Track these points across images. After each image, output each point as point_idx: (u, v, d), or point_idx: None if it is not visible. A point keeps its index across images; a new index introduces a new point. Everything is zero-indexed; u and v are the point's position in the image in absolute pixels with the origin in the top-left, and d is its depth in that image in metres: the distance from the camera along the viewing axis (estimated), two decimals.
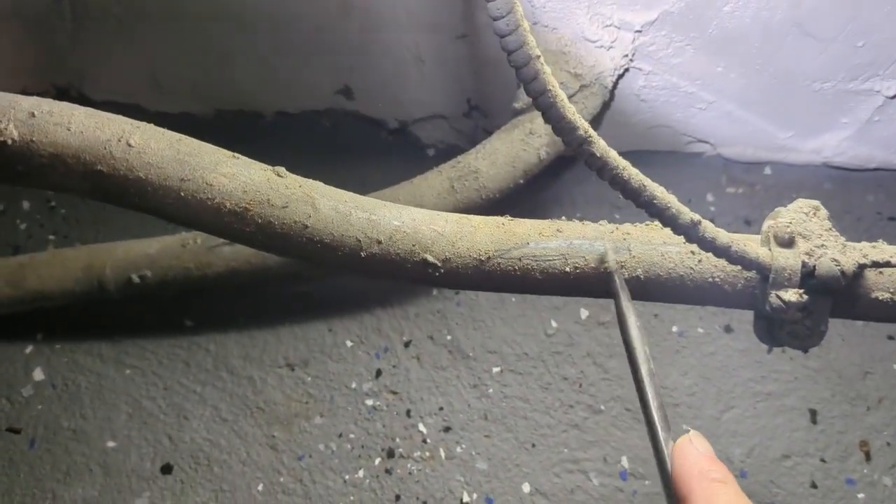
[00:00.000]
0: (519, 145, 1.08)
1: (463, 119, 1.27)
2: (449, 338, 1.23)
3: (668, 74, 1.15)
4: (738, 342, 1.21)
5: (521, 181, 1.10)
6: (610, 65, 1.12)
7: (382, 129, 1.33)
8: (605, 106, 1.18)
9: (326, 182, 0.76)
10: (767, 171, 1.32)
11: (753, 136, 1.25)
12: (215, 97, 1.30)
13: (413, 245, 0.75)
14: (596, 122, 1.19)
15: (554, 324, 1.23)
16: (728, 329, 1.22)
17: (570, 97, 1.08)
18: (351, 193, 0.76)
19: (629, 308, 0.71)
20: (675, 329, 1.23)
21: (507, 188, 1.09)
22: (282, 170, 0.73)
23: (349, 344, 1.22)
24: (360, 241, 0.74)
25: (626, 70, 1.14)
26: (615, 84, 1.16)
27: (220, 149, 0.71)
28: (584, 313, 1.24)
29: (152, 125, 0.71)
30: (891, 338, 1.22)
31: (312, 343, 1.22)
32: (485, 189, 1.08)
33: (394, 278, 0.77)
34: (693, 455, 0.53)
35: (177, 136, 0.70)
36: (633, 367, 0.64)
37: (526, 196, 1.30)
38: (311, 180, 0.74)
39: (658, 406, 0.60)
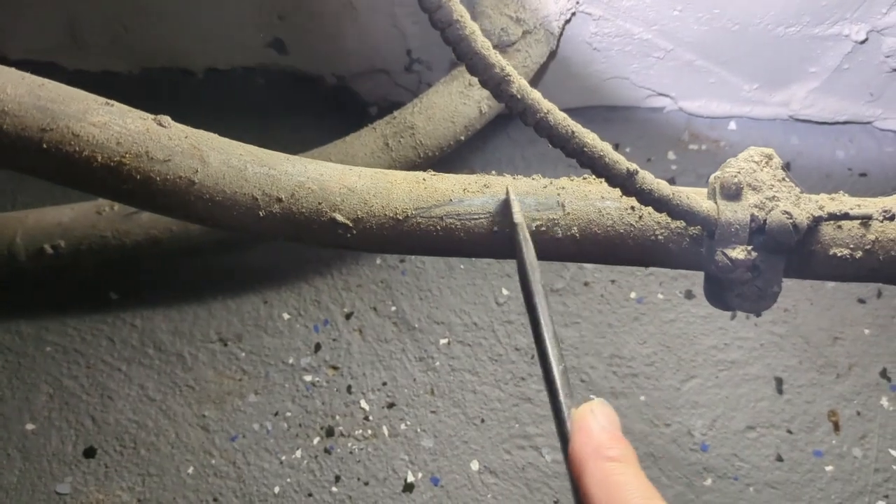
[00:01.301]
0: (458, 98, 1.00)
1: (405, 73, 1.18)
2: (393, 309, 1.15)
3: (620, 20, 1.07)
4: (700, 308, 1.14)
5: (462, 137, 1.02)
6: (555, 8, 1.03)
7: (320, 85, 1.24)
8: (552, 55, 1.09)
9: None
10: (732, 126, 1.24)
11: (716, 89, 1.17)
12: (139, 54, 1.21)
13: (319, 203, 0.67)
14: (542, 72, 1.11)
15: (505, 292, 1.16)
16: (689, 295, 1.15)
17: (511, 44, 1.00)
18: (248, 146, 0.68)
19: (533, 264, 0.63)
20: (633, 295, 1.16)
21: (447, 145, 1.01)
22: (166, 119, 0.65)
23: (286, 317, 1.15)
24: (257, 199, 0.66)
25: (574, 14, 1.06)
26: (562, 30, 1.07)
27: (92, 95, 0.63)
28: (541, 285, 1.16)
29: (13, 69, 0.62)
30: (862, 301, 1.15)
31: (246, 316, 1.15)
32: (422, 146, 0.99)
33: (300, 241, 0.70)
34: (591, 429, 0.47)
35: (40, 80, 0.62)
36: (535, 329, 0.57)
37: (475, 157, 1.23)
38: (200, 131, 0.66)
39: (561, 373, 0.53)
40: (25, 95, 0.60)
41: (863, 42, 1.08)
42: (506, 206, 0.68)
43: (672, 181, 1.20)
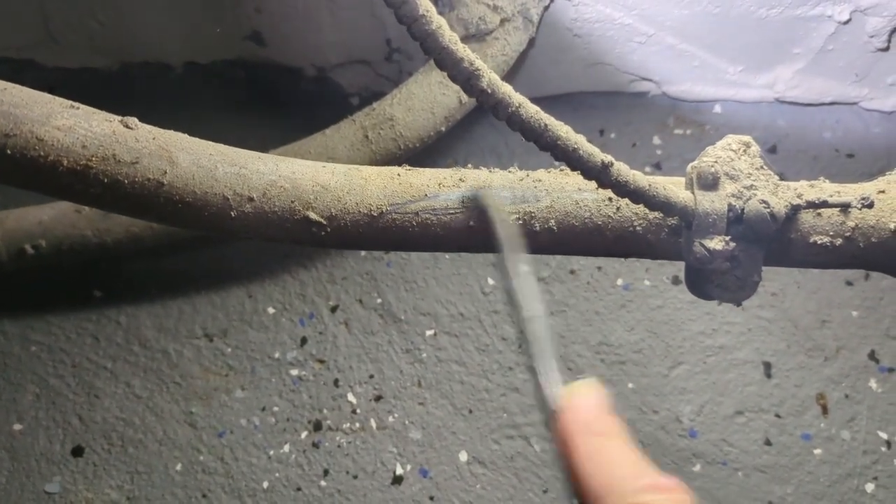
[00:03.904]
0: (437, 88, 0.98)
1: (385, 63, 1.17)
2: (379, 301, 1.15)
3: (600, 5, 1.06)
4: (687, 294, 1.11)
5: (443, 128, 1.01)
6: None
7: (301, 77, 1.23)
8: (531, 42, 1.08)
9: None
10: (717, 109, 1.23)
11: (700, 72, 1.16)
12: (118, 49, 1.20)
13: (292, 201, 0.67)
14: (521, 60, 1.09)
15: (491, 281, 1.15)
16: (676, 281, 1.15)
17: (489, 33, 0.99)
18: (219, 145, 0.67)
19: (513, 243, 0.63)
20: (619, 282, 1.15)
21: (427, 136, 1.00)
22: (132, 120, 0.64)
23: (271, 311, 1.14)
24: (228, 199, 0.65)
25: (552, 0, 1.04)
26: (541, 17, 1.06)
27: (57, 98, 0.62)
28: (522, 268, 1.16)
29: None
30: (849, 283, 1.14)
31: (231, 311, 1.14)
32: (402, 138, 0.99)
33: (274, 240, 0.69)
34: (580, 407, 0.47)
35: (2, 84, 0.61)
36: (519, 315, 0.56)
37: (459, 146, 1.22)
38: (168, 131, 0.65)
39: (546, 352, 0.52)
40: None
41: (846, 22, 1.07)
42: (479, 197, 0.67)
43: (658, 166, 1.19)
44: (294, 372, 1.11)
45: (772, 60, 1.14)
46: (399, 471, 1.05)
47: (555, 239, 0.70)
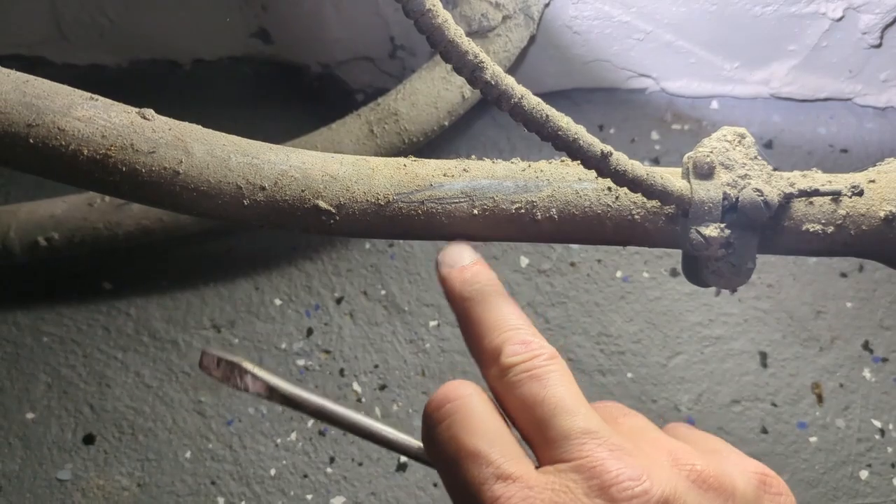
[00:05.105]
0: (440, 84, 1.01)
1: (389, 60, 1.20)
2: (383, 292, 1.17)
3: (599, 3, 1.08)
4: (685, 286, 1.16)
5: (446, 123, 1.03)
6: None
7: (306, 74, 1.25)
8: (532, 39, 1.11)
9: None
10: (714, 105, 1.25)
11: (697, 69, 1.19)
12: (127, 46, 1.22)
13: (303, 191, 0.69)
14: (522, 56, 1.12)
15: None
16: (674, 273, 1.17)
17: (491, 30, 1.02)
18: (232, 136, 0.69)
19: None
20: (619, 274, 1.17)
21: (431, 131, 1.03)
22: (149, 112, 0.66)
23: (278, 302, 1.17)
24: (241, 187, 0.67)
25: None
26: (541, 14, 1.09)
27: (77, 90, 0.64)
28: (524, 261, 1.18)
29: None
30: (844, 275, 1.17)
31: (238, 303, 1.16)
32: (406, 132, 1.01)
33: (285, 228, 0.71)
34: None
35: (24, 77, 0.63)
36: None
37: (462, 140, 1.24)
38: (184, 122, 0.67)
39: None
40: (11, 92, 0.62)
41: (839, 19, 1.09)
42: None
43: (656, 161, 1.22)
44: (300, 362, 1.13)
45: (767, 57, 1.16)
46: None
47: (556, 227, 0.72)
